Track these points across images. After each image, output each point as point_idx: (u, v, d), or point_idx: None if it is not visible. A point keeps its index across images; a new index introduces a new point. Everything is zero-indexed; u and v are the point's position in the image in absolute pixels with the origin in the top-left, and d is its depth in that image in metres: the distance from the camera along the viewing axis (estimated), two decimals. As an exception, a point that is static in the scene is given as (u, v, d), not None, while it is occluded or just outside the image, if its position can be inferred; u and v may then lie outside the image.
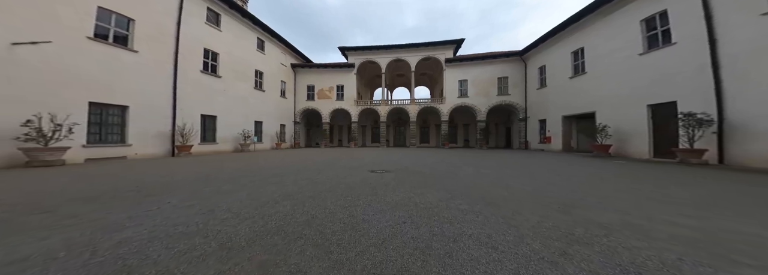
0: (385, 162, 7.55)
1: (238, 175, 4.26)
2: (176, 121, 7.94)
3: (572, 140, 10.09)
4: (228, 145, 10.43)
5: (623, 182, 3.62)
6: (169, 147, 7.85)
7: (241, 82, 11.49)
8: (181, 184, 3.49)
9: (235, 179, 3.79)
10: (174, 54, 7.97)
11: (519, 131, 14.19)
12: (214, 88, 9.82)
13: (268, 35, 13.60)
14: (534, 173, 4.73)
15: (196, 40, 9.01)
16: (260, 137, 13.02)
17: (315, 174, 4.81)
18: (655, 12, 6.25)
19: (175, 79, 7.97)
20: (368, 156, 9.50)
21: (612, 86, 7.60)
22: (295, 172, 5.12)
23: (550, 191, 2.97)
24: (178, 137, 7.97)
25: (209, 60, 9.67)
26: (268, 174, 4.54)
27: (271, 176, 4.26)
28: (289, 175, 4.54)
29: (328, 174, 4.96)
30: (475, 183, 3.68)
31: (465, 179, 4.08)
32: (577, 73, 9.40)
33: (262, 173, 4.74)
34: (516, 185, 3.43)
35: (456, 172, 5.26)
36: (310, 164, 6.70)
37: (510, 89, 14.36)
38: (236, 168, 5.37)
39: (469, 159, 7.95)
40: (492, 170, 5.32)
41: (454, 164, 6.69)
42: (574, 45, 9.47)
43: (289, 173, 4.81)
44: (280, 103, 15.20)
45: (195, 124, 8.72)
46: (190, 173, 4.51)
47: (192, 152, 8.30)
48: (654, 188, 3.13)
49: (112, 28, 6.45)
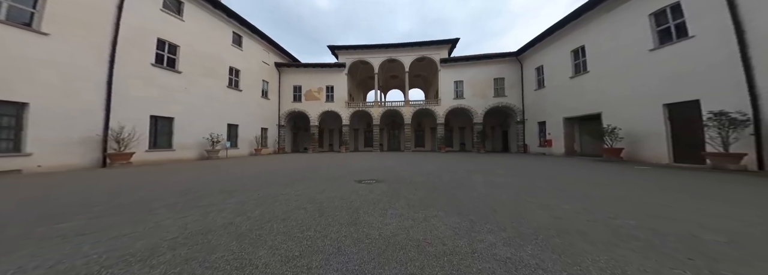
0: (377, 169, 6.57)
1: (162, 195, 3.05)
2: (110, 123, 6.43)
3: (575, 143, 9.56)
4: (190, 152, 8.88)
5: (689, 199, 2.81)
6: (99, 156, 6.28)
7: (211, 79, 10.04)
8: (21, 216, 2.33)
9: (143, 203, 2.61)
10: (111, 43, 6.53)
11: (516, 134, 13.69)
12: (172, 85, 8.34)
13: (246, 30, 12.48)
14: (557, 182, 3.90)
15: (148, 29, 7.58)
16: (235, 142, 11.64)
17: (281, 189, 3.71)
18: (666, 5, 5.87)
19: (111, 72, 6.49)
20: (359, 162, 8.50)
21: (619, 85, 7.14)
22: (256, 186, 4.00)
23: (609, 212, 2.11)
24: (111, 143, 6.45)
25: (165, 52, 8.15)
26: (212, 191, 3.42)
27: (213, 195, 3.14)
28: (243, 192, 3.43)
29: (299, 188, 3.88)
30: (494, 199, 2.77)
31: (478, 193, 3.17)
32: (578, 72, 8.99)
33: (205, 189, 3.61)
34: (553, 201, 2.54)
35: (461, 181, 4.34)
36: (285, 174, 5.62)
37: (506, 90, 13.96)
38: (175, 183, 4.18)
39: (470, 164, 7.13)
40: (505, 178, 4.46)
41: (457, 170, 5.82)
42: (573, 43, 9.11)
43: (244, 189, 3.70)
44: (261, 104, 13.94)
45: (141, 127, 7.24)
46: (74, 194, 3.28)
47: (132, 162, 6.80)
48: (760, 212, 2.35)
49: (6, 1, 4.97)
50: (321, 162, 8.74)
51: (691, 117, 5.29)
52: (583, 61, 8.71)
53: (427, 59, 15.83)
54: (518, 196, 2.90)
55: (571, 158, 8.44)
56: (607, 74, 7.59)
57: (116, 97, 6.65)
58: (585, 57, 8.56)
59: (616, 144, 6.82)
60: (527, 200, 2.68)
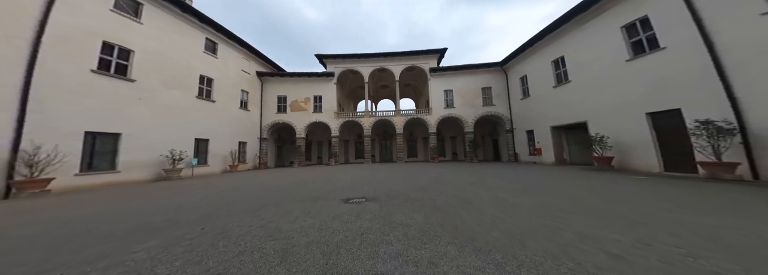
0: (367, 184, 5.96)
1: (33, 241, 2.18)
2: (21, 143, 5.11)
3: (564, 152, 9.65)
4: (142, 172, 7.58)
5: (733, 218, 2.53)
6: (1, 185, 4.85)
7: (175, 89, 9.02)
8: None
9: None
10: (33, 43, 5.48)
11: (507, 142, 13.82)
12: (121, 95, 7.25)
13: (222, 37, 11.56)
14: (571, 197, 3.56)
15: (89, 31, 6.63)
16: (204, 158, 10.45)
17: (239, 219, 3.03)
18: (635, 18, 6.24)
19: (28, 79, 5.34)
20: (348, 176, 7.82)
21: (602, 94, 7.36)
22: (208, 215, 3.27)
23: (673, 243, 1.72)
24: (20, 168, 5.07)
25: (113, 58, 7.16)
26: (132, 227, 2.62)
27: (128, 234, 2.36)
28: (183, 225, 2.74)
29: (266, 215, 3.22)
30: (513, 225, 2.32)
31: (489, 215, 2.72)
32: (560, 82, 9.31)
33: (123, 225, 2.75)
34: (590, 228, 2.11)
35: (464, 198, 3.88)
36: (254, 195, 4.89)
37: (494, 99, 14.26)
38: (80, 219, 3.21)
39: (467, 175, 6.76)
40: (512, 194, 4.07)
41: (456, 184, 5.38)
42: (553, 54, 9.52)
43: (189, 220, 2.98)
44: (239, 116, 12.94)
45: (71, 146, 5.99)
46: None
47: (51, 190, 5.43)
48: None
49: None
50: (305, 177, 7.94)
51: (675, 126, 5.42)
52: (564, 71, 9.07)
53: (417, 69, 16.06)
54: (541, 219, 2.47)
55: (563, 168, 8.40)
56: (588, 84, 7.86)
57: (35, 110, 5.44)
58: (565, 67, 8.92)
59: (605, 153, 6.84)
60: (556, 225, 2.26)
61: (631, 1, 6.27)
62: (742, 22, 4.23)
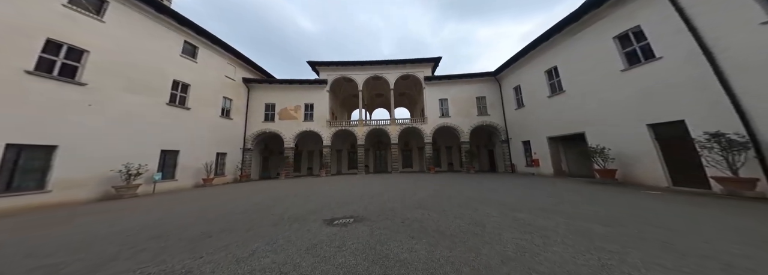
0: (359, 198, 5.22)
1: None
2: None
3: (562, 163, 9.39)
4: (82, 191, 6.42)
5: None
6: None
7: (139, 95, 8.11)
8: None
9: None
10: None
11: (502, 153, 13.56)
12: (66, 100, 6.30)
13: (204, 40, 10.90)
14: (609, 220, 3.03)
15: (29, 25, 5.81)
16: (172, 172, 9.26)
17: (162, 263, 2.22)
18: (628, 29, 6.26)
19: None
20: (338, 189, 7.02)
21: (598, 105, 7.24)
22: (115, 257, 2.44)
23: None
24: None
25: (59, 58, 6.30)
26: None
27: None
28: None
29: (210, 249, 2.49)
30: (559, 266, 1.69)
31: (514, 247, 2.13)
32: (554, 92, 9.25)
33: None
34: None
35: (477, 220, 3.27)
36: (215, 216, 4.08)
37: (488, 109, 14.18)
38: None
39: (468, 189, 6.18)
40: (529, 213, 3.54)
41: (459, 199, 4.77)
42: (546, 64, 9.55)
43: (81, 269, 2.12)
44: (219, 125, 11.95)
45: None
46: None
47: None
48: None
49: None
50: (288, 191, 7.05)
51: (680, 138, 5.22)
52: (558, 81, 9.06)
53: (412, 77, 16.00)
54: (586, 254, 1.89)
55: (565, 180, 8.04)
56: (584, 94, 7.77)
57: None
58: (559, 77, 8.91)
59: (608, 165, 6.55)
60: (611, 264, 1.65)
61: (622, 12, 6.31)
62: (744, 29, 4.17)
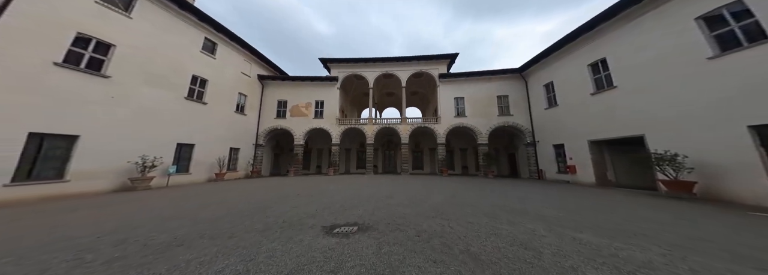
0: (365, 202, 4.54)
1: None
2: None
3: (608, 172, 7.97)
4: (100, 182, 6.45)
5: None
6: None
7: (159, 88, 8.22)
8: None
9: None
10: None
11: (527, 157, 12.18)
12: (89, 92, 6.38)
13: (223, 37, 10.96)
14: (737, 256, 2.04)
15: (61, 20, 5.97)
16: (187, 165, 9.24)
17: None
18: (720, 5, 4.95)
19: None
20: (344, 190, 6.41)
21: (668, 101, 5.86)
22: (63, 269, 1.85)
23: None
24: None
25: (87, 51, 6.46)
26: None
27: None
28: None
29: (177, 261, 1.77)
30: None
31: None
32: (601, 88, 7.91)
33: None
34: None
35: (519, 239, 2.42)
36: (207, 216, 3.57)
37: (511, 108, 12.92)
38: None
39: (492, 196, 5.23)
40: (595, 233, 2.61)
41: (483, 207, 3.91)
42: (591, 57, 8.25)
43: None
44: (234, 120, 12.02)
45: (5, 149, 4.95)
46: None
47: None
48: None
49: None
50: (293, 190, 6.58)
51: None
52: (606, 75, 7.73)
53: (426, 75, 15.17)
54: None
55: (612, 191, 6.71)
56: (645, 89, 6.41)
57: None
58: (608, 71, 7.61)
59: (682, 176, 5.20)
60: None
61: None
62: None
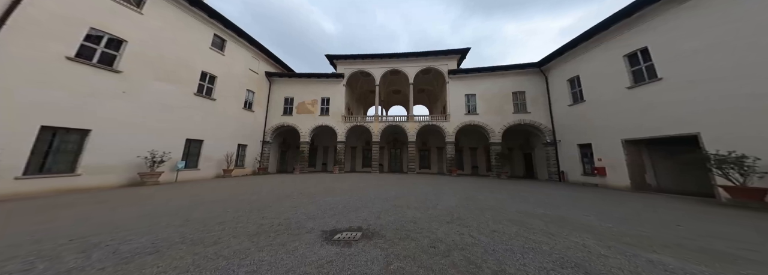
0: (371, 203, 4.10)
1: None
2: None
3: (647, 174, 7.05)
4: (110, 176, 6.44)
5: None
6: None
7: (169, 84, 8.14)
8: None
9: None
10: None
11: (546, 157, 11.28)
12: (101, 87, 6.37)
13: (231, 34, 10.88)
14: None
15: (74, 15, 5.95)
16: (196, 161, 9.14)
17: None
18: None
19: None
20: (349, 189, 6.02)
21: (730, 95, 4.96)
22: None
23: None
24: None
25: (99, 46, 6.41)
26: None
27: None
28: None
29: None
30: None
31: None
32: (640, 81, 6.98)
33: None
34: None
35: (578, 261, 1.82)
36: (199, 216, 3.30)
37: (528, 105, 12.01)
38: None
39: (510, 200, 4.62)
40: (681, 259, 1.98)
41: (507, 213, 3.36)
42: (628, 46, 7.32)
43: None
44: (242, 117, 11.94)
45: (15, 143, 4.89)
46: None
47: None
48: None
49: None
50: (298, 188, 6.26)
51: None
52: (647, 66, 6.80)
53: (434, 71, 14.51)
54: None
55: (656, 196, 5.87)
56: (701, 81, 5.50)
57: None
58: (650, 61, 6.68)
59: (750, 182, 4.34)
60: None
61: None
62: None
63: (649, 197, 5.70)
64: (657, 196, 5.84)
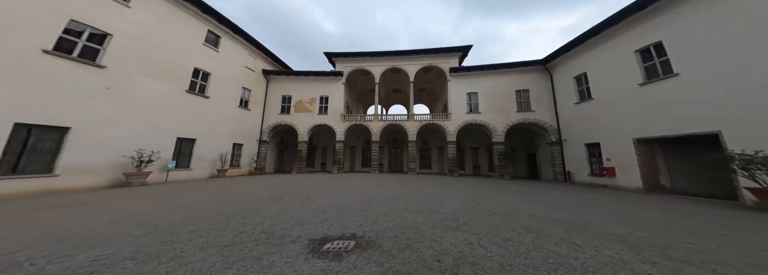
0: (368, 206, 3.72)
1: None
2: None
3: (661, 175, 6.70)
4: (92, 177, 5.99)
5: None
6: None
7: (159, 81, 7.75)
8: None
9: None
10: None
11: (551, 157, 10.93)
12: (83, 82, 5.94)
13: (226, 30, 10.54)
14: None
15: (50, 8, 5.53)
16: (188, 160, 8.78)
17: None
18: None
19: None
20: (346, 190, 5.64)
21: (756, 91, 4.60)
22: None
23: None
24: None
25: (81, 39, 5.98)
26: None
27: None
28: None
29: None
30: None
31: None
32: (654, 77, 6.64)
33: None
34: None
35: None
36: (172, 222, 2.87)
37: (532, 104, 11.68)
38: None
39: (518, 203, 4.24)
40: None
41: (520, 219, 3.00)
42: (640, 41, 6.98)
43: None
44: (237, 115, 11.57)
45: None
46: None
47: None
48: None
49: None
50: (293, 188, 5.89)
51: None
52: (661, 61, 6.47)
53: (435, 69, 14.17)
54: None
55: (672, 198, 5.51)
56: (722, 77, 5.14)
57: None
58: (664, 56, 6.34)
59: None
60: None
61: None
62: None
63: (665, 199, 5.34)
64: (673, 198, 5.48)
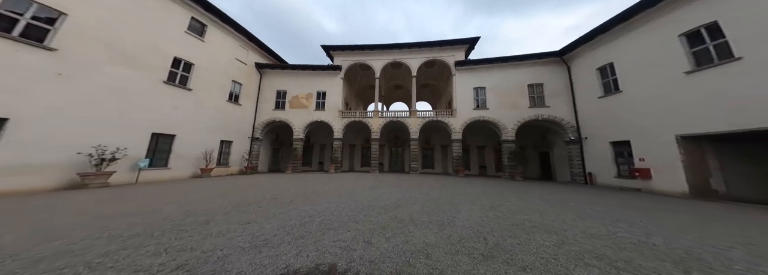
0: (361, 215, 2.69)
1: None
2: None
3: (713, 179, 5.69)
4: (34, 178, 5.06)
5: None
6: None
7: (128, 68, 6.94)
8: None
9: None
10: None
11: (568, 157, 9.96)
12: (26, 66, 5.07)
13: (214, 18, 9.76)
14: None
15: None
16: (165, 158, 8.00)
17: None
18: None
19: None
20: (338, 193, 4.69)
21: None
22: None
23: None
24: None
25: (25, 17, 5.16)
26: None
27: None
28: None
29: None
30: None
31: None
32: (705, 63, 5.64)
33: None
34: None
35: None
36: (82, 239, 1.78)
37: (547, 99, 10.72)
38: None
39: (553, 208, 3.24)
40: None
41: (580, 240, 1.93)
42: (684, 23, 6.00)
43: None
44: (225, 110, 10.72)
45: None
46: None
47: None
48: None
49: None
50: (280, 191, 4.95)
51: None
52: (715, 45, 5.47)
53: (439, 63, 13.25)
54: None
55: (735, 207, 4.52)
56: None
57: None
58: (722, 38, 5.31)
59: None
60: None
61: None
62: None
63: (729, 207, 4.36)
64: (734, 206, 4.50)
